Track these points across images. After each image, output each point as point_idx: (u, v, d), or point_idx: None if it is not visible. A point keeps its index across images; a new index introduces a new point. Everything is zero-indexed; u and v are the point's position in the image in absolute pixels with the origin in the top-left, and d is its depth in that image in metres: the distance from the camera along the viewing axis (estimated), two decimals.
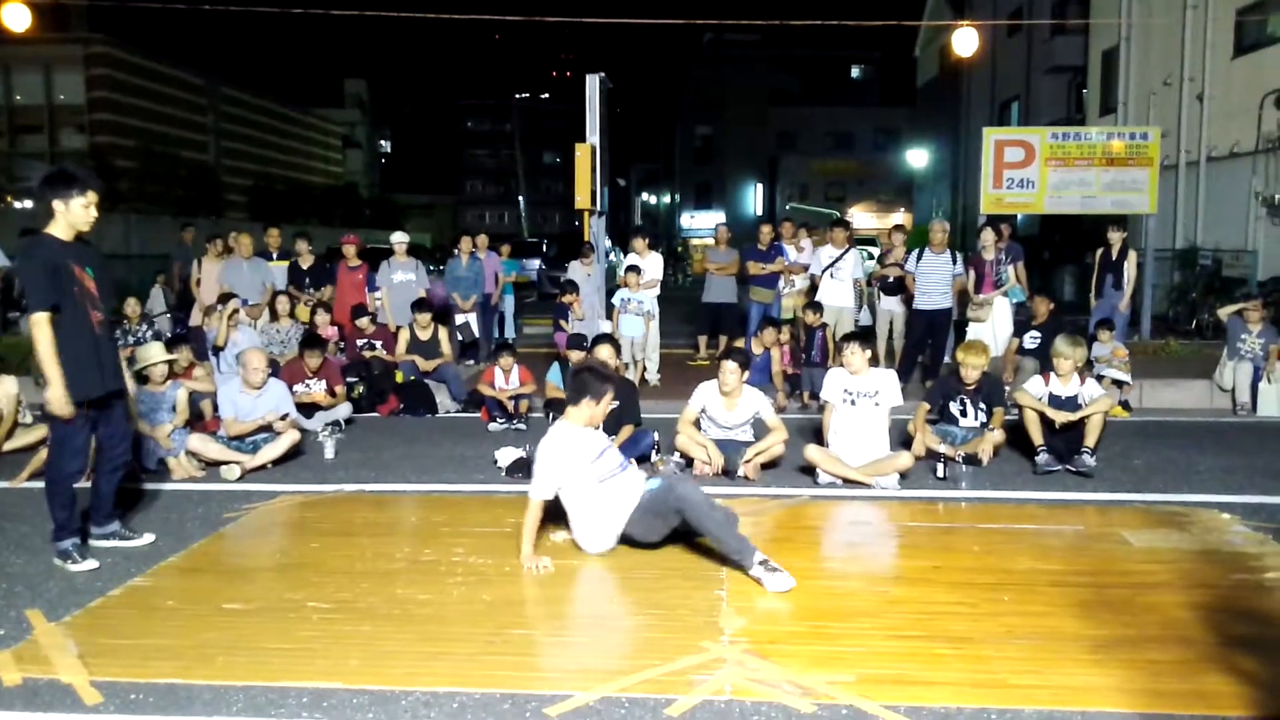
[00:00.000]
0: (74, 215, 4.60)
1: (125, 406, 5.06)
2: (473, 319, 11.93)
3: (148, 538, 5.13)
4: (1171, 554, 4.92)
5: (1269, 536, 5.17)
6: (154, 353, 7.07)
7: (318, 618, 4.06)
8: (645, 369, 10.40)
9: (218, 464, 6.66)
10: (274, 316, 10.06)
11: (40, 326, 4.47)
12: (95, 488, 5.01)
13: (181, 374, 8.04)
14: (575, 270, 11.64)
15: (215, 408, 7.44)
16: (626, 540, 4.87)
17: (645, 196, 73.65)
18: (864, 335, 7.19)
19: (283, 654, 3.69)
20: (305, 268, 11.10)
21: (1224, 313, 9.88)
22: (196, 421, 7.67)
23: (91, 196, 4.62)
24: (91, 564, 4.72)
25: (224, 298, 9.58)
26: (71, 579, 4.53)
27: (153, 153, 47.18)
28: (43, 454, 6.59)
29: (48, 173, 4.79)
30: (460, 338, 11.68)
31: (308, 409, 8.16)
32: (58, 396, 4.50)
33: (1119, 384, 9.15)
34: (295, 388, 8.04)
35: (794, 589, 4.30)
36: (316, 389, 8.32)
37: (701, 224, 54.19)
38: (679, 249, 47.61)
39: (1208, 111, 17.99)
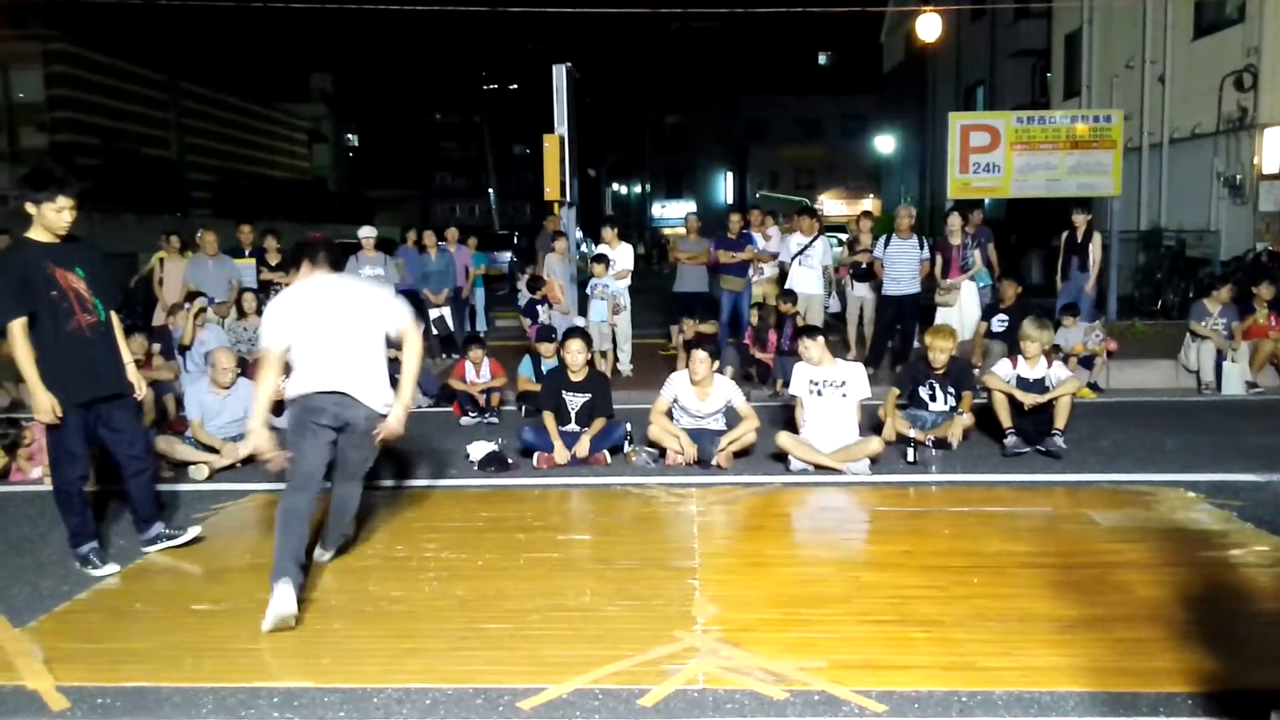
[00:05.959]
0: (46, 219, 4.46)
1: (132, 408, 4.91)
2: (447, 313, 11.87)
3: (194, 531, 5.09)
4: (1138, 534, 4.98)
5: (1233, 514, 5.25)
6: None
7: None
8: (618, 360, 10.38)
9: (185, 464, 6.59)
10: (241, 314, 9.93)
11: (13, 336, 4.40)
12: (127, 496, 4.96)
13: (141, 366, 7.92)
14: (552, 261, 11.57)
15: (179, 404, 7.33)
16: None
17: (616, 186, 73.34)
18: (816, 328, 7.23)
19: (253, 654, 3.67)
20: (273, 265, 10.99)
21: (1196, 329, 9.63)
22: (162, 421, 7.58)
23: (64, 201, 4.44)
24: (112, 568, 4.68)
25: (190, 296, 9.45)
26: (37, 585, 4.47)
27: (115, 150, 46.61)
28: None
29: (27, 172, 4.69)
30: (435, 332, 11.62)
31: (278, 406, 8.05)
32: (39, 402, 4.44)
33: (1088, 363, 9.24)
34: None
35: (767, 576, 4.30)
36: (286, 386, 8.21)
37: (673, 213, 54.05)
38: (665, 241, 46.38)
39: (1169, 93, 18.14)
